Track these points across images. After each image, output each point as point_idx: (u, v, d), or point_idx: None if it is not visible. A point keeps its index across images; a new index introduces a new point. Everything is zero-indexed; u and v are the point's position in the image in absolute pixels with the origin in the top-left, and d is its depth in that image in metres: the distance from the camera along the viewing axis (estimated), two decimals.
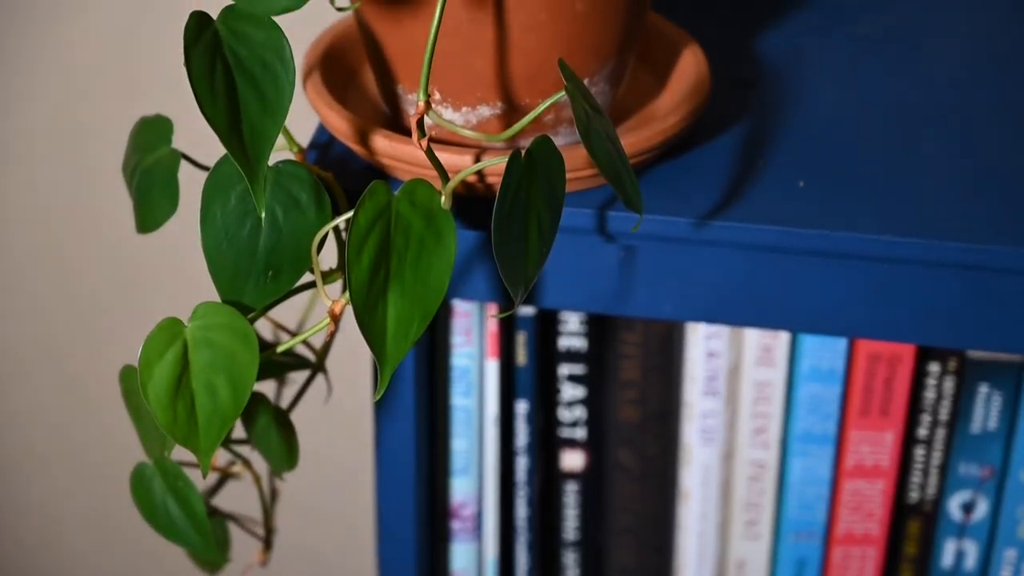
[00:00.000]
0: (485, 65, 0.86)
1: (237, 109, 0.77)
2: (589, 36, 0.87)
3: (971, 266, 0.89)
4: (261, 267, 0.83)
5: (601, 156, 0.78)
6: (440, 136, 0.89)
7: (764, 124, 0.99)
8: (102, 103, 1.42)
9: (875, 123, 1.00)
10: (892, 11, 1.15)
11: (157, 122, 0.93)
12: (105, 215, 1.46)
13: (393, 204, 0.80)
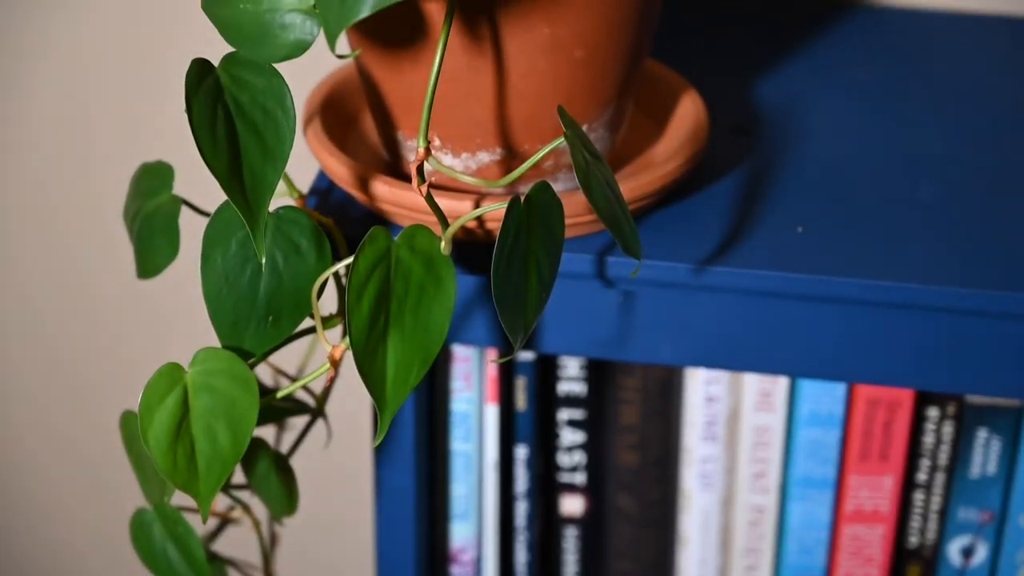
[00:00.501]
0: (485, 111, 0.86)
1: (238, 155, 0.78)
2: (588, 83, 0.87)
3: (969, 311, 0.89)
4: (262, 312, 0.83)
5: (600, 202, 0.78)
6: (440, 182, 0.90)
7: (762, 170, 1.00)
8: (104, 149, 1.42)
9: (872, 170, 1.00)
10: (888, 59, 1.15)
11: (158, 168, 0.93)
12: (105, 260, 1.47)
13: (393, 250, 0.80)
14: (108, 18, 1.36)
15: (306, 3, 0.78)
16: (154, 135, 1.39)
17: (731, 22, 1.21)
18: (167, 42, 1.35)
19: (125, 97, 1.40)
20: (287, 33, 0.78)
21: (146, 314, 1.50)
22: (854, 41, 1.18)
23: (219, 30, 0.79)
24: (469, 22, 0.83)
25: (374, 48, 0.87)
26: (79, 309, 1.51)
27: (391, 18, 0.78)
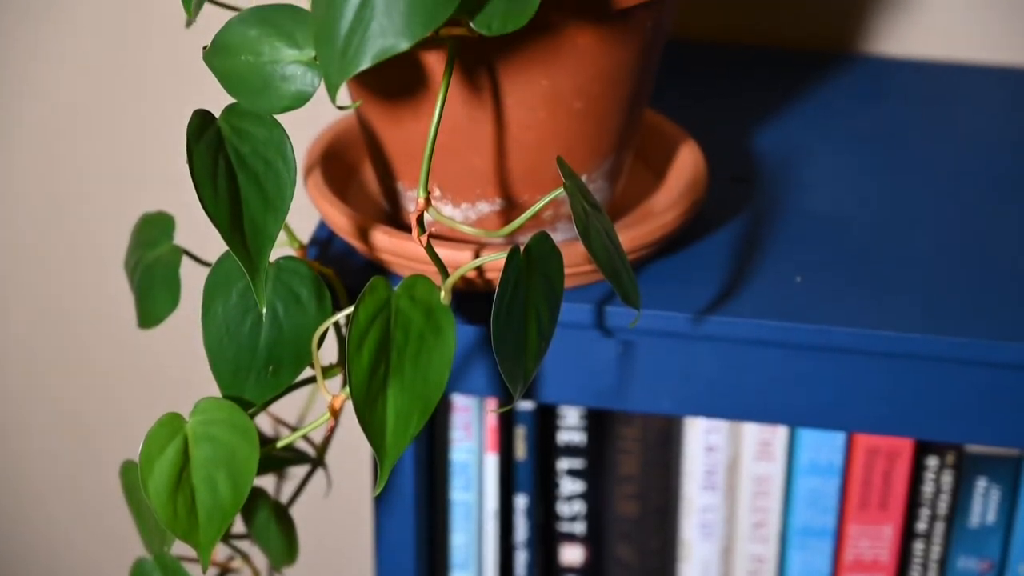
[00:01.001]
0: (484, 162, 0.87)
1: (239, 206, 0.78)
2: (587, 134, 0.88)
3: (968, 361, 0.89)
4: (262, 362, 0.83)
5: (599, 253, 0.78)
6: (440, 232, 0.90)
7: (761, 220, 1.00)
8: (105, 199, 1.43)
9: (871, 220, 1.01)
10: (886, 110, 1.16)
11: (159, 219, 0.94)
12: (106, 310, 1.47)
13: (393, 300, 0.80)
14: (109, 68, 1.37)
15: (307, 55, 0.78)
16: (155, 185, 1.39)
17: (730, 73, 1.22)
18: (168, 92, 1.36)
19: (127, 147, 1.40)
20: (288, 84, 0.79)
21: (147, 364, 1.50)
22: (852, 92, 1.18)
23: (220, 82, 0.79)
24: (469, 74, 0.83)
25: (374, 99, 0.87)
26: (80, 359, 1.51)
27: (391, 70, 0.79)
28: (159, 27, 1.32)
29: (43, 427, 1.56)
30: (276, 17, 0.79)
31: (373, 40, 0.71)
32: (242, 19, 0.80)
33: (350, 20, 0.72)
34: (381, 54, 0.71)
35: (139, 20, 1.34)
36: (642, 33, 0.86)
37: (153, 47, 1.35)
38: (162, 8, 1.25)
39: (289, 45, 0.79)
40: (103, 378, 1.52)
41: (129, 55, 1.36)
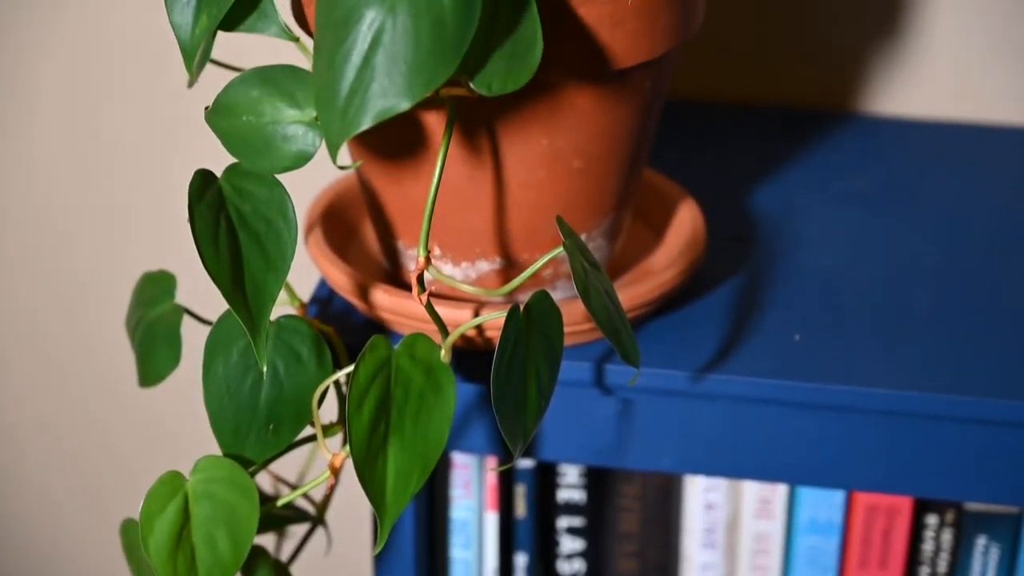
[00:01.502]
0: (484, 221, 0.87)
1: (240, 265, 0.78)
2: (587, 193, 0.88)
3: (967, 419, 0.89)
4: (263, 421, 0.84)
5: (599, 311, 0.79)
6: (440, 290, 0.90)
7: (760, 278, 1.00)
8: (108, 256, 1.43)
9: (869, 277, 1.01)
10: (883, 168, 1.17)
11: (160, 277, 0.94)
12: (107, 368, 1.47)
13: (393, 358, 0.81)
14: (110, 127, 1.37)
15: (308, 115, 0.79)
16: (156, 244, 1.40)
17: (728, 131, 1.22)
18: (169, 151, 1.37)
19: (128, 206, 1.41)
20: (289, 145, 0.79)
21: (147, 422, 1.50)
22: (850, 150, 1.19)
23: (222, 142, 0.80)
24: (469, 133, 0.84)
25: (375, 159, 0.88)
26: (81, 417, 1.51)
27: (392, 130, 0.79)
28: (161, 86, 1.33)
29: (44, 484, 1.56)
30: (277, 77, 0.80)
31: (374, 100, 0.72)
32: (244, 79, 0.80)
33: (351, 80, 0.72)
34: (382, 114, 0.72)
35: (140, 79, 1.35)
36: (641, 93, 0.86)
37: (155, 106, 1.35)
38: (163, 67, 1.26)
39: (290, 105, 0.79)
40: (104, 436, 1.52)
41: (131, 115, 1.36)
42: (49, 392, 1.51)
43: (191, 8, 0.82)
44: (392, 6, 0.72)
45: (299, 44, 0.87)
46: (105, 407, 1.50)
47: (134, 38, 1.33)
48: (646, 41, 0.83)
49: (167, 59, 1.13)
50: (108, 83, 1.36)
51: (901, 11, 1.22)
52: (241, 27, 0.85)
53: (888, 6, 1.22)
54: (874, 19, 1.22)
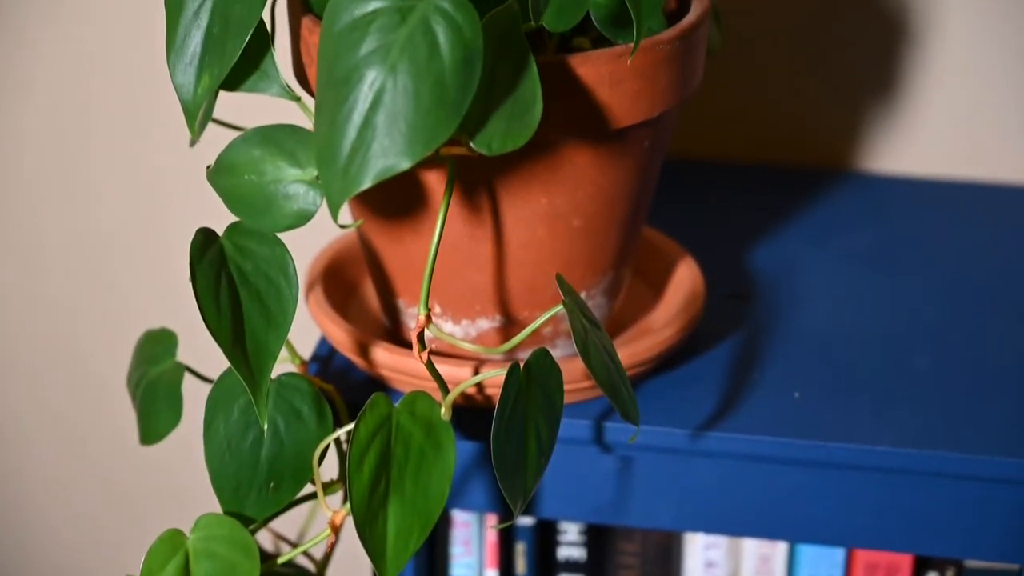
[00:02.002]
0: (484, 280, 0.88)
1: (241, 323, 0.79)
2: (586, 251, 0.88)
3: (966, 476, 0.89)
4: (263, 478, 0.84)
5: (598, 369, 0.79)
6: (440, 348, 0.90)
7: (759, 336, 1.01)
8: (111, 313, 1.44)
9: (868, 335, 1.01)
10: (881, 226, 1.17)
11: (161, 335, 0.94)
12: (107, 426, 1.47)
13: (394, 416, 0.81)
14: (112, 184, 1.38)
15: (309, 174, 0.79)
16: (158, 301, 1.40)
17: (727, 190, 1.23)
18: (171, 209, 1.37)
19: (129, 262, 1.41)
20: (290, 204, 0.80)
21: (148, 479, 1.50)
22: (847, 209, 1.19)
23: (224, 201, 0.80)
24: (469, 192, 0.84)
25: (375, 217, 0.88)
26: (83, 476, 1.51)
27: (392, 189, 0.80)
28: (163, 145, 1.34)
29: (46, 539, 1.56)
30: (279, 137, 0.81)
31: (375, 160, 0.72)
32: (246, 139, 0.81)
33: (352, 140, 0.73)
34: (383, 174, 0.72)
35: (142, 137, 1.35)
36: (640, 151, 0.87)
37: (156, 165, 1.36)
38: (165, 126, 1.26)
39: (292, 164, 0.80)
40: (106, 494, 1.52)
41: (132, 173, 1.37)
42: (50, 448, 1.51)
43: (193, 68, 0.83)
44: (393, 66, 0.72)
45: (300, 104, 0.87)
46: (109, 462, 1.50)
47: (136, 96, 1.34)
48: (645, 100, 0.83)
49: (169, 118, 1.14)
50: (109, 140, 1.36)
51: (898, 70, 1.22)
52: (243, 87, 0.86)
53: (885, 65, 1.23)
54: (871, 78, 1.23)
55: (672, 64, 0.84)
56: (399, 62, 0.72)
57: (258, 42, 0.85)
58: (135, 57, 1.32)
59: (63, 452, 1.51)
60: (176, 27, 0.83)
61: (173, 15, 0.83)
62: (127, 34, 1.31)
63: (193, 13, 0.83)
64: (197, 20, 0.83)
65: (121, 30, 1.32)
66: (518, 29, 0.77)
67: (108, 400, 1.42)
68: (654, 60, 0.83)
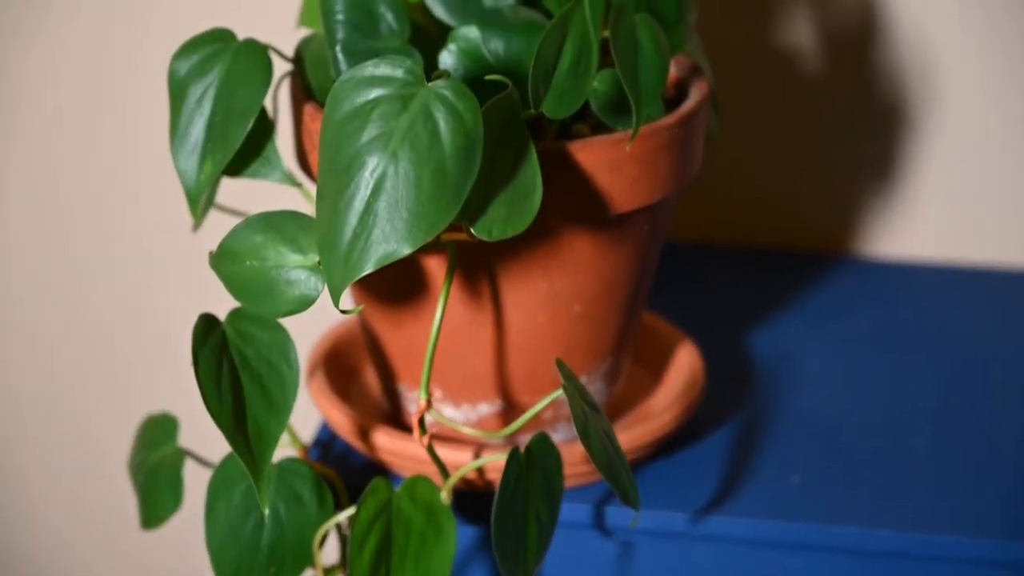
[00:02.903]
0: (485, 364, 0.88)
1: (243, 408, 0.79)
2: (586, 336, 0.89)
3: (966, 560, 0.89)
4: (264, 563, 0.84)
5: (598, 454, 0.79)
6: (440, 432, 0.91)
7: (758, 419, 1.01)
8: (113, 400, 1.44)
9: (866, 419, 1.02)
10: (880, 311, 1.17)
11: (162, 420, 0.95)
12: (109, 511, 1.47)
13: (394, 500, 0.81)
14: (112, 267, 1.39)
15: (311, 260, 0.80)
16: (159, 386, 1.40)
17: (726, 273, 1.23)
18: (173, 294, 1.38)
19: (132, 347, 1.42)
20: (292, 289, 0.80)
21: (150, 563, 1.49)
22: (846, 292, 1.20)
23: (226, 286, 0.81)
24: (469, 277, 0.85)
25: (376, 302, 0.89)
26: (84, 562, 1.51)
27: (393, 274, 0.80)
28: (165, 229, 1.34)
29: None
30: (281, 223, 0.81)
31: (376, 246, 0.73)
32: (248, 225, 0.81)
33: (354, 226, 0.73)
34: (384, 259, 0.73)
35: (144, 221, 1.36)
36: (639, 237, 0.88)
37: (158, 249, 1.37)
38: (167, 211, 1.27)
39: (293, 250, 0.80)
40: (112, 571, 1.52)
41: (133, 257, 1.38)
42: (51, 537, 1.51)
43: (196, 155, 0.84)
44: (394, 153, 0.73)
45: (302, 190, 0.88)
46: (107, 549, 1.50)
47: (138, 180, 1.35)
48: (645, 186, 0.84)
49: (172, 203, 1.15)
50: (111, 224, 1.37)
51: (894, 153, 1.23)
52: (245, 173, 0.87)
53: (882, 148, 1.23)
54: (868, 161, 1.24)
55: (671, 150, 0.85)
56: (400, 149, 0.73)
57: (260, 129, 0.86)
58: (137, 141, 1.33)
59: (69, 532, 1.51)
60: (179, 114, 0.84)
61: (177, 102, 0.84)
62: (129, 118, 1.33)
63: (196, 100, 0.84)
64: (200, 107, 0.84)
65: (123, 114, 1.33)
66: (518, 116, 0.78)
67: (112, 481, 1.42)
68: (653, 146, 0.84)
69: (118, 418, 1.36)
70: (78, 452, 1.47)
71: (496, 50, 0.82)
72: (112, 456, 1.35)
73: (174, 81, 0.85)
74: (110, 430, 1.41)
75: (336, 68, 0.83)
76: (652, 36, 0.83)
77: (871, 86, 1.22)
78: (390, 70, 0.74)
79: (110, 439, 1.39)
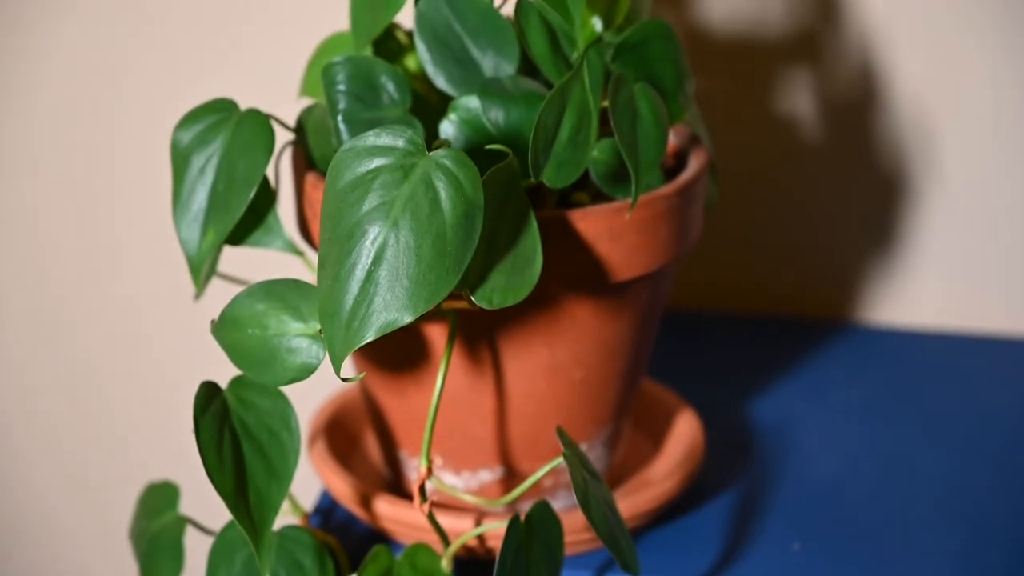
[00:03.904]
0: (486, 431, 0.88)
1: (244, 476, 0.79)
2: (586, 403, 0.89)
3: None
4: None
5: (598, 521, 0.79)
6: (441, 499, 0.91)
7: (758, 487, 1.01)
8: (114, 468, 1.44)
9: (866, 486, 1.02)
10: (881, 377, 1.18)
11: (164, 488, 0.95)
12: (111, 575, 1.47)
13: (395, 568, 0.81)
14: (114, 338, 1.39)
15: (312, 328, 0.80)
16: (161, 452, 1.40)
17: (725, 340, 1.24)
18: (175, 361, 1.38)
19: (134, 414, 1.42)
20: (293, 357, 0.80)
21: None
22: (846, 359, 1.20)
23: (228, 354, 0.81)
24: (470, 345, 0.85)
25: (377, 370, 0.89)
26: None
27: (394, 342, 0.81)
28: (166, 297, 1.35)
29: None
30: (282, 291, 0.81)
31: (377, 314, 0.73)
32: (249, 293, 0.81)
33: (355, 295, 0.74)
34: (385, 328, 0.73)
35: (145, 292, 1.36)
36: (639, 304, 0.88)
37: (159, 317, 1.37)
38: (169, 280, 1.28)
39: (295, 318, 0.81)
40: None
41: (135, 326, 1.38)
42: None
43: (198, 224, 0.84)
44: (395, 222, 0.73)
45: (304, 258, 0.89)
46: None
47: (139, 248, 1.35)
48: (644, 255, 0.85)
49: (174, 271, 1.15)
50: (111, 292, 1.37)
51: (895, 222, 1.24)
52: (247, 241, 0.87)
53: (882, 217, 1.24)
54: (869, 230, 1.25)
55: (671, 219, 0.85)
56: (401, 218, 0.73)
57: (262, 198, 0.87)
58: (139, 211, 1.33)
59: None
60: (182, 183, 0.85)
61: (179, 172, 0.85)
62: (130, 187, 1.33)
63: (199, 170, 0.85)
64: (202, 176, 0.85)
65: (124, 183, 1.33)
66: (518, 185, 0.78)
67: (114, 549, 1.42)
68: (653, 215, 0.84)
69: (120, 485, 1.36)
70: (81, 519, 1.47)
71: (496, 120, 0.83)
72: (114, 523, 1.35)
73: (177, 151, 0.85)
74: (112, 497, 1.41)
75: (338, 137, 0.83)
76: (651, 106, 0.84)
77: (871, 154, 1.23)
78: (391, 140, 0.75)
79: (112, 506, 1.39)
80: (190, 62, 1.29)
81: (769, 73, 1.22)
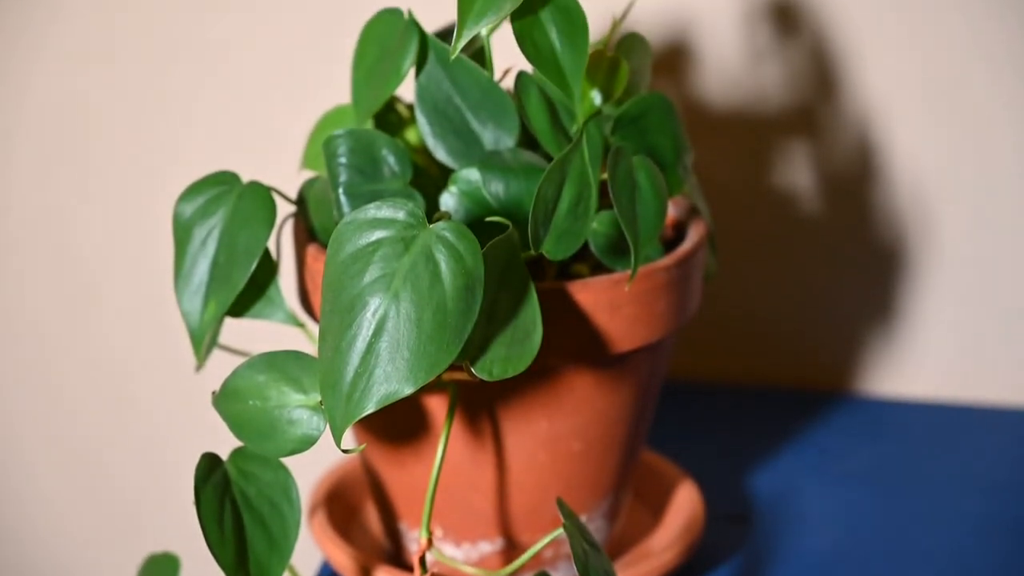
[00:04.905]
0: (486, 503, 0.88)
1: (244, 547, 0.79)
2: (586, 474, 0.89)
3: None
4: None
5: None
6: (441, 572, 0.91)
7: (759, 558, 1.01)
8: (110, 538, 1.44)
9: (868, 558, 1.01)
10: (882, 448, 1.18)
11: (164, 560, 0.94)
12: None
13: None
14: (114, 411, 1.39)
15: (313, 399, 0.80)
16: (161, 523, 1.40)
17: (725, 412, 1.24)
18: (175, 433, 1.38)
19: (134, 486, 1.41)
20: (294, 429, 0.80)
21: None
22: (847, 430, 1.20)
23: (229, 426, 0.81)
24: (470, 416, 0.85)
25: (378, 441, 0.89)
26: None
27: (395, 414, 0.81)
28: (167, 368, 1.35)
29: None
30: (283, 363, 0.82)
31: (378, 386, 0.73)
32: (251, 364, 0.82)
33: (356, 366, 0.74)
34: (385, 399, 0.73)
35: (146, 363, 1.37)
36: (639, 376, 0.88)
37: (159, 386, 1.37)
38: (170, 351, 1.28)
39: (296, 390, 0.81)
40: None
41: (134, 397, 1.38)
42: None
43: (200, 296, 0.85)
44: (396, 294, 0.74)
45: (305, 330, 0.89)
46: None
47: (140, 322, 1.36)
48: (644, 326, 0.85)
49: (175, 342, 1.15)
50: (111, 366, 1.38)
51: (894, 293, 1.24)
52: (248, 313, 0.87)
53: (881, 288, 1.24)
54: (868, 301, 1.25)
55: (670, 290, 0.86)
56: (402, 290, 0.74)
57: (263, 270, 0.87)
58: (139, 284, 1.34)
59: None
60: (184, 255, 0.85)
61: (181, 244, 0.86)
62: (131, 261, 1.34)
63: (200, 242, 0.85)
64: (204, 249, 0.85)
65: (126, 257, 1.34)
66: (518, 257, 0.79)
67: None
68: (652, 287, 0.84)
69: (121, 558, 1.35)
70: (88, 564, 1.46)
71: (496, 192, 0.83)
72: None
73: (178, 223, 0.86)
74: (113, 570, 1.41)
75: (339, 210, 0.84)
76: (650, 178, 0.84)
77: (869, 226, 1.23)
78: (392, 212, 0.76)
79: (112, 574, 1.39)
80: (191, 138, 1.29)
81: (768, 145, 1.23)
